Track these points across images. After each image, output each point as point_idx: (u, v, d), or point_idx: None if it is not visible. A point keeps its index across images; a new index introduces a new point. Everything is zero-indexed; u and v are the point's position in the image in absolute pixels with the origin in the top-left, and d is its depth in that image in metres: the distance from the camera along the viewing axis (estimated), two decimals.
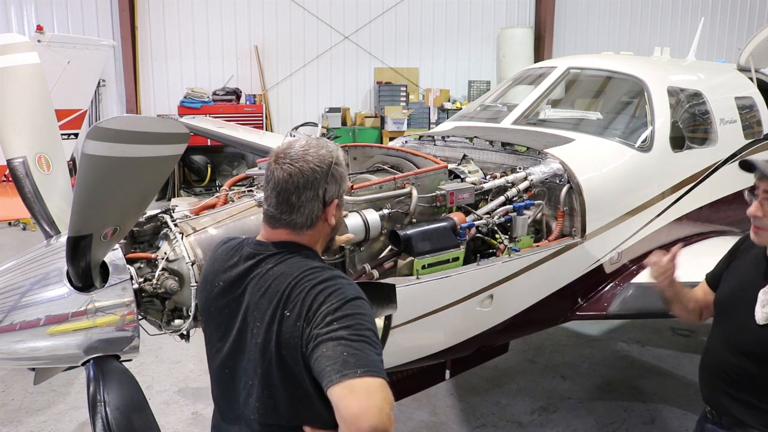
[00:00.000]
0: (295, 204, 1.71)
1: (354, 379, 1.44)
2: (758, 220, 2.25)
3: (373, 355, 1.51)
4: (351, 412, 1.41)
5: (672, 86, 4.40)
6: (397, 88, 12.54)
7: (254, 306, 1.70)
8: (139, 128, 1.63)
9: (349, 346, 1.50)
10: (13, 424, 4.20)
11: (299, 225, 1.73)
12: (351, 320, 1.55)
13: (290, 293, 1.63)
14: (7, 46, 2.73)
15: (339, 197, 1.78)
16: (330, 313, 1.56)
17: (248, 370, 1.72)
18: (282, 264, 1.70)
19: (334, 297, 1.59)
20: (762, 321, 2.21)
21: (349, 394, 1.43)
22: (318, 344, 1.53)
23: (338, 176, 1.75)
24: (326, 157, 1.73)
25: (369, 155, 3.66)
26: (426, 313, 2.88)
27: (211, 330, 1.86)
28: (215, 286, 1.82)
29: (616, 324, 5.76)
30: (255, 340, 1.68)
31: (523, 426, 4.20)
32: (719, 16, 14.55)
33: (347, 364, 1.46)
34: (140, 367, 4.74)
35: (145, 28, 11.94)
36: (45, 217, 2.52)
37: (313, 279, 1.64)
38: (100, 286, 2.28)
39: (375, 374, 1.46)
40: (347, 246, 2.86)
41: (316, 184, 1.71)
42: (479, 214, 3.15)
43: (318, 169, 1.70)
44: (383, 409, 1.42)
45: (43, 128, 2.70)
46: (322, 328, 1.54)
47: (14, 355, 2.25)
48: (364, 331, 1.55)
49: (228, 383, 1.80)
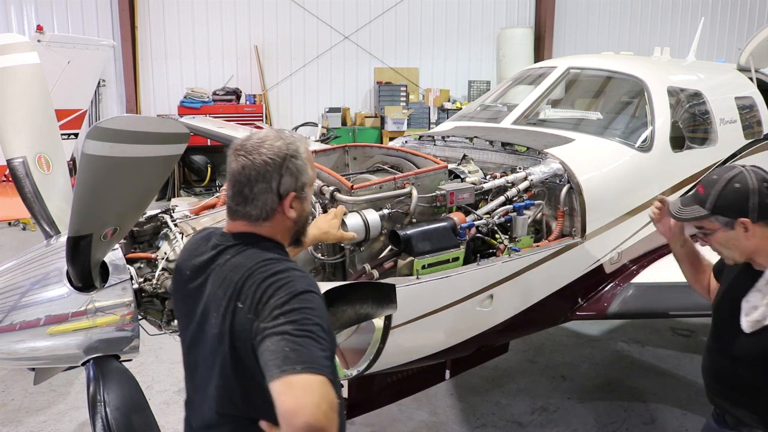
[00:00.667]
0: (248, 196, 1.71)
1: (293, 375, 1.43)
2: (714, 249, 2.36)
3: (316, 351, 1.49)
4: (287, 407, 1.40)
5: (672, 86, 4.40)
6: (397, 88, 12.53)
7: (212, 296, 1.71)
8: (139, 128, 1.64)
9: (292, 341, 1.48)
10: (13, 424, 4.20)
11: (254, 217, 1.73)
12: (297, 314, 1.53)
13: (243, 284, 1.63)
14: (7, 45, 2.73)
15: (297, 190, 1.76)
16: (278, 306, 1.55)
17: (207, 360, 1.73)
18: (239, 255, 1.71)
19: (283, 290, 1.58)
20: (747, 330, 2.25)
21: (287, 389, 1.42)
22: (264, 338, 1.52)
23: (295, 169, 1.73)
24: (281, 149, 1.72)
25: (369, 155, 3.66)
26: (426, 313, 2.88)
27: (179, 318, 1.89)
28: (183, 275, 1.84)
29: (616, 324, 5.75)
30: (212, 331, 1.69)
31: (523, 426, 4.20)
32: (719, 16, 14.55)
33: (288, 359, 1.45)
34: (140, 367, 4.74)
35: (145, 28, 11.94)
36: (45, 217, 2.52)
37: (266, 271, 1.63)
38: (100, 287, 2.28)
39: (315, 371, 1.45)
40: (347, 246, 2.86)
41: (268, 176, 1.70)
42: (479, 214, 3.15)
43: (270, 161, 1.69)
44: (320, 406, 1.40)
45: (43, 128, 2.71)
46: (269, 322, 1.53)
47: (14, 355, 2.26)
48: (310, 326, 1.53)
49: (192, 371, 1.82)
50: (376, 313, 2.27)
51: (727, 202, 2.23)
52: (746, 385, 2.32)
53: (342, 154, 3.67)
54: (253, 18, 12.36)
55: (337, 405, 1.47)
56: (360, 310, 2.19)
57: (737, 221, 2.22)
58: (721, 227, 2.26)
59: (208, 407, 1.74)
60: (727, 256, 2.34)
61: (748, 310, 2.27)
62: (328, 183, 2.96)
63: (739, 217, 2.21)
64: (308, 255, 2.86)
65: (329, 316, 2.06)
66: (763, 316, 2.22)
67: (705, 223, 2.29)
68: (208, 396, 1.74)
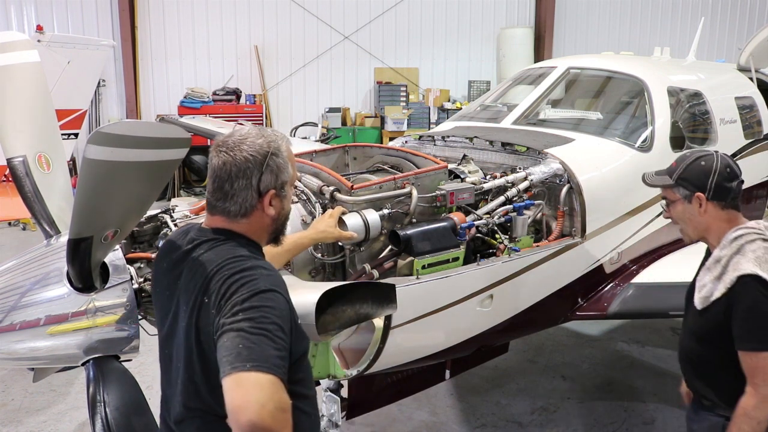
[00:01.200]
0: (228, 192, 1.73)
1: (242, 372, 1.43)
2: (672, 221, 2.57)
3: (269, 350, 1.49)
4: (233, 404, 1.41)
5: (672, 86, 4.40)
6: (397, 88, 12.54)
7: (184, 289, 1.72)
8: (140, 133, 1.63)
9: (245, 339, 1.49)
10: (13, 424, 4.20)
11: (233, 213, 1.75)
12: (255, 312, 1.54)
13: (210, 280, 1.65)
14: (7, 44, 2.72)
15: (277, 188, 1.77)
16: (238, 303, 1.56)
17: (178, 353, 1.74)
18: (212, 251, 1.72)
19: (246, 287, 1.58)
20: (699, 306, 2.42)
21: (235, 386, 1.43)
22: (222, 334, 1.53)
23: (275, 167, 1.75)
24: (263, 146, 1.73)
25: (369, 155, 3.66)
26: (426, 313, 2.88)
27: (156, 310, 1.90)
28: (161, 268, 1.86)
29: (616, 324, 5.75)
30: (182, 324, 1.70)
31: (523, 426, 4.20)
32: (719, 16, 14.55)
33: (240, 356, 1.46)
34: (140, 367, 4.74)
35: (145, 28, 11.94)
36: (45, 217, 2.52)
37: (233, 268, 1.64)
38: (100, 287, 2.28)
39: (265, 370, 1.45)
40: (347, 246, 2.86)
41: (248, 173, 1.72)
42: (479, 214, 3.15)
43: (251, 158, 1.71)
44: (266, 405, 1.40)
45: (43, 127, 2.70)
46: (228, 318, 1.54)
47: (14, 355, 2.25)
48: (267, 324, 1.53)
49: (167, 364, 1.83)
50: (376, 313, 2.27)
51: (690, 175, 2.44)
52: (706, 362, 2.48)
53: (342, 154, 3.67)
54: (253, 18, 12.36)
55: (287, 406, 1.47)
56: (360, 310, 2.19)
57: (695, 195, 2.42)
58: (680, 199, 2.47)
59: (178, 401, 1.75)
60: (683, 231, 2.55)
61: (699, 288, 2.44)
62: (328, 183, 2.96)
63: (697, 191, 2.42)
64: (308, 255, 2.86)
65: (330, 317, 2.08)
66: (710, 293, 2.37)
67: (668, 193, 2.52)
68: (178, 389, 1.75)
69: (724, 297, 2.32)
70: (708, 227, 2.46)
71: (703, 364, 2.50)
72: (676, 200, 2.49)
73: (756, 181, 4.94)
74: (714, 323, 2.37)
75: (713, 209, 2.42)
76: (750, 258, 2.29)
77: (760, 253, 2.29)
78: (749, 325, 2.28)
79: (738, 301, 2.29)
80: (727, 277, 2.32)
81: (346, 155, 3.68)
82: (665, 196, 2.56)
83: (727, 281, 2.31)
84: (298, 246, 2.55)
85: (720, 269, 2.36)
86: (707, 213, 2.43)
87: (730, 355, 2.33)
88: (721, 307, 2.33)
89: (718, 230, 2.44)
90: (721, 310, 2.33)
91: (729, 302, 2.31)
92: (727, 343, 2.33)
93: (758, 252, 2.29)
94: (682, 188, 2.46)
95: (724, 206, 2.43)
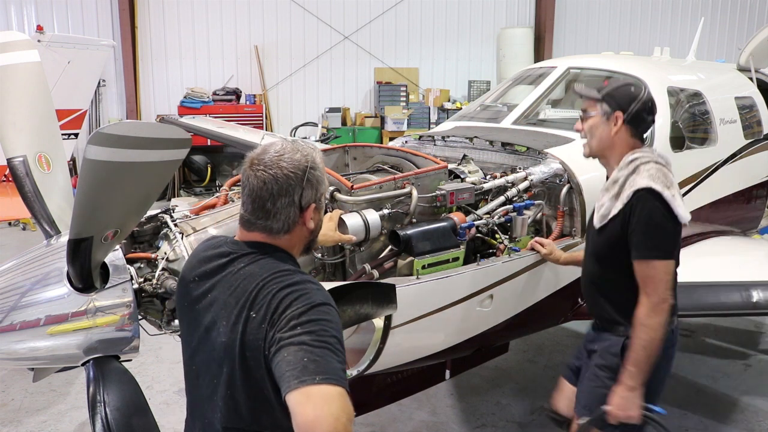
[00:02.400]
0: (270, 210, 1.69)
1: (312, 385, 1.41)
2: (580, 133, 2.76)
3: (334, 362, 1.48)
4: (306, 419, 1.38)
5: (672, 86, 4.40)
6: (397, 88, 12.54)
7: (222, 304, 1.68)
8: (141, 134, 1.63)
9: (310, 352, 1.46)
10: (13, 424, 4.20)
11: (275, 230, 1.72)
12: (315, 326, 1.51)
13: (257, 294, 1.61)
14: (7, 44, 2.72)
15: (317, 201, 1.76)
16: (295, 317, 1.53)
17: (212, 369, 1.70)
18: (253, 264, 1.68)
19: (300, 301, 1.56)
20: (597, 225, 2.65)
21: (306, 400, 1.40)
22: (280, 348, 1.50)
23: (314, 181, 1.73)
24: (301, 162, 1.70)
25: (369, 155, 3.66)
26: (426, 313, 2.88)
27: (184, 325, 1.86)
28: (190, 281, 1.81)
29: None
30: (220, 339, 1.66)
31: (523, 426, 4.20)
32: (719, 16, 14.56)
33: (306, 370, 1.43)
34: (140, 367, 4.74)
35: (145, 28, 11.94)
36: (45, 217, 2.52)
37: (282, 282, 1.61)
38: (100, 287, 2.28)
39: (334, 382, 1.43)
40: (347, 246, 2.86)
41: (291, 190, 1.68)
42: (479, 214, 3.15)
43: (293, 175, 1.68)
44: (339, 418, 1.38)
45: (43, 127, 2.70)
46: (286, 332, 1.51)
47: (14, 355, 2.25)
48: (328, 337, 1.51)
49: (194, 380, 1.80)
50: (376, 313, 2.27)
51: (617, 95, 2.62)
52: (607, 282, 2.69)
53: (342, 154, 3.67)
54: (253, 18, 12.36)
55: (353, 417, 1.45)
56: (360, 310, 2.19)
57: (614, 113, 2.61)
58: (600, 114, 2.65)
59: (213, 418, 1.72)
60: (588, 144, 2.73)
61: (598, 208, 2.68)
62: (328, 183, 2.96)
63: (618, 110, 2.61)
64: (308, 255, 2.86)
65: None
66: (609, 210, 2.59)
67: (590, 105, 2.68)
68: (214, 406, 1.71)
69: (622, 212, 2.53)
70: (612, 147, 2.65)
71: (605, 283, 2.70)
72: (595, 114, 2.65)
73: (756, 181, 4.93)
74: (613, 238, 2.57)
75: (624, 133, 2.62)
76: (645, 175, 2.52)
77: (653, 172, 2.51)
78: (643, 235, 2.49)
79: (634, 213, 2.50)
80: (625, 194, 2.53)
81: (346, 155, 3.68)
82: (586, 107, 2.70)
83: (624, 197, 2.53)
84: None
85: (618, 188, 2.57)
86: (617, 135, 2.62)
87: (628, 271, 2.53)
88: (619, 222, 2.54)
89: (620, 153, 2.64)
90: (618, 224, 2.54)
91: (626, 216, 2.52)
92: (625, 257, 2.54)
93: (651, 171, 2.52)
94: (605, 104, 2.63)
95: (633, 134, 2.63)
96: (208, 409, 1.74)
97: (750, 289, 3.51)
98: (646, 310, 2.45)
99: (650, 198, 2.48)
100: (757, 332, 5.61)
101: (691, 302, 3.59)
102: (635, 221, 2.49)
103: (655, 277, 2.46)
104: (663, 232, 2.50)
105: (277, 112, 12.66)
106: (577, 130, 2.79)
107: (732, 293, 3.55)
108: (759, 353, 5.27)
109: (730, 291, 3.57)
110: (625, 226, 2.52)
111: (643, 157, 2.57)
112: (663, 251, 2.49)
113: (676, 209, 2.48)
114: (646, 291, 2.47)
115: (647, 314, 2.45)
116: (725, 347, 5.35)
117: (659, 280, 2.46)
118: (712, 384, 4.73)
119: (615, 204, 2.56)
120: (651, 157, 2.58)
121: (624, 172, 2.57)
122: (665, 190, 2.46)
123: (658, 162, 2.56)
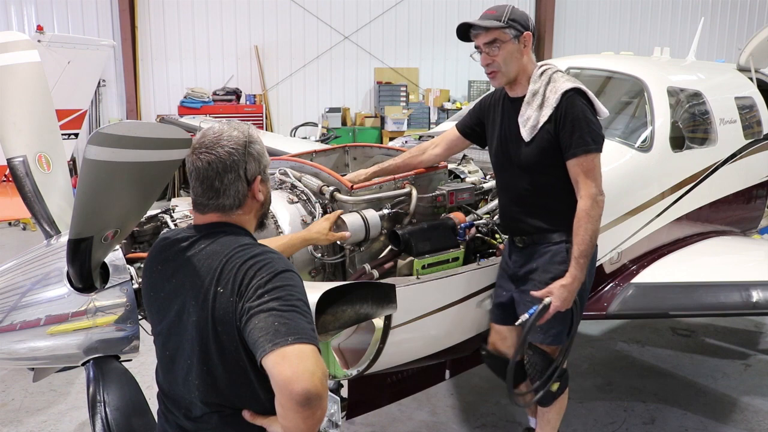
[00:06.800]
0: (219, 189, 1.76)
1: (286, 346, 1.48)
2: (490, 66, 2.80)
3: (304, 323, 1.55)
4: (284, 377, 1.45)
5: (672, 86, 4.40)
6: (397, 88, 12.54)
7: (189, 286, 1.73)
8: (141, 134, 1.63)
9: (280, 316, 1.54)
10: (13, 424, 4.20)
11: (228, 207, 1.79)
12: (281, 291, 1.59)
13: (222, 270, 1.67)
14: (7, 44, 2.72)
15: (261, 173, 1.84)
16: (261, 286, 1.60)
17: (186, 350, 1.74)
18: (214, 243, 1.75)
19: (264, 270, 1.63)
20: (527, 138, 2.75)
21: (282, 360, 1.47)
22: (250, 317, 1.57)
23: (256, 154, 1.81)
24: (240, 138, 1.78)
25: (369, 155, 3.66)
26: (426, 313, 2.88)
27: (152, 314, 1.89)
28: (153, 270, 1.86)
29: (616, 324, 5.75)
30: (191, 319, 1.71)
31: (523, 426, 4.20)
32: (719, 16, 14.56)
33: (279, 333, 1.50)
34: (140, 367, 4.72)
35: (145, 28, 11.94)
36: (45, 217, 2.52)
37: (244, 255, 1.68)
38: (100, 287, 2.28)
39: (306, 341, 1.51)
40: (347, 246, 2.86)
41: (235, 165, 1.76)
42: (479, 214, 3.15)
43: (234, 151, 1.76)
44: (315, 373, 1.46)
45: (43, 127, 2.69)
46: (254, 301, 1.58)
47: (14, 355, 2.25)
48: (295, 301, 1.59)
49: (169, 365, 1.82)
50: (376, 313, 2.27)
51: (517, 17, 2.76)
52: (540, 193, 2.80)
53: (342, 154, 3.67)
54: (253, 18, 12.36)
55: (327, 373, 1.53)
56: (360, 310, 2.19)
57: (523, 34, 2.75)
58: (511, 39, 2.74)
59: (195, 397, 1.74)
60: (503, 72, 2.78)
61: (524, 123, 2.77)
62: (328, 183, 2.96)
63: (526, 31, 2.75)
64: (308, 255, 2.86)
65: (330, 317, 2.08)
66: (537, 120, 2.72)
67: (499, 34, 2.75)
68: (190, 387, 1.74)
69: (552, 116, 2.66)
70: (525, 66, 2.80)
71: (538, 195, 2.81)
72: (507, 40, 2.74)
73: (756, 181, 4.93)
74: (546, 145, 2.70)
75: (528, 50, 2.81)
76: (563, 80, 2.70)
77: (567, 77, 2.72)
78: (577, 133, 2.63)
79: (565, 114, 2.65)
80: (551, 99, 2.68)
81: (346, 155, 3.68)
82: (495, 38, 2.75)
83: (552, 101, 2.67)
84: (290, 246, 2.58)
85: (540, 99, 2.72)
86: (527, 54, 2.80)
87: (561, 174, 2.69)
88: (552, 126, 2.68)
89: (530, 69, 2.81)
90: (551, 128, 2.68)
91: (558, 118, 2.66)
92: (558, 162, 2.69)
93: (565, 76, 2.72)
94: (513, 29, 2.74)
95: (532, 49, 2.83)
96: (185, 391, 1.77)
97: (750, 289, 3.51)
98: (589, 201, 2.64)
99: (578, 96, 2.68)
100: (757, 332, 5.61)
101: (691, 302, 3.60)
102: (567, 122, 2.65)
103: (594, 170, 2.65)
104: (596, 126, 2.69)
105: (277, 112, 12.66)
106: (487, 65, 2.82)
107: (732, 293, 3.55)
108: (759, 353, 5.27)
109: (730, 291, 3.57)
110: (556, 131, 2.67)
111: (550, 68, 2.78)
112: (598, 144, 2.68)
113: (598, 105, 2.73)
114: (587, 184, 2.65)
115: (591, 206, 2.64)
116: (725, 347, 5.36)
117: (598, 173, 2.66)
118: (712, 384, 4.73)
119: (542, 112, 2.70)
120: (554, 66, 2.80)
121: (539, 84, 2.75)
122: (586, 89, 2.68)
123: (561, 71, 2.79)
